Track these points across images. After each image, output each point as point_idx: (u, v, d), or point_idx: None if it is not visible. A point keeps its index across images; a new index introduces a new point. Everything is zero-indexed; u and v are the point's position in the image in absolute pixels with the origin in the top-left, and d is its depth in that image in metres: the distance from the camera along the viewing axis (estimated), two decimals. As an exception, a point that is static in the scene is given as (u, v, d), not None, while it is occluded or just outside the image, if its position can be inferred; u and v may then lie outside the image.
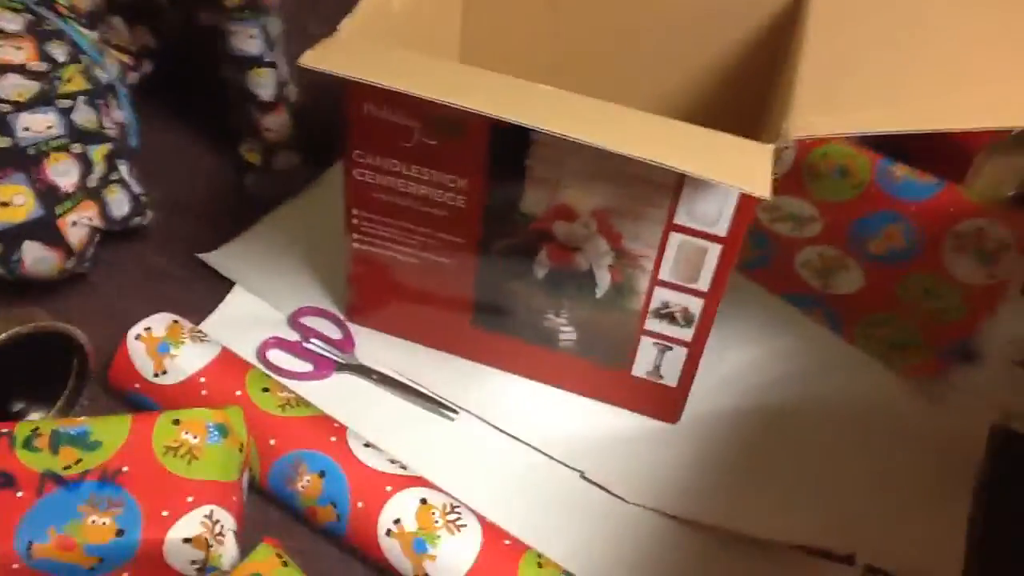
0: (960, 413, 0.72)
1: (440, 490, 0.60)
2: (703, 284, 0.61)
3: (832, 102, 0.56)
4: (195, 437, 0.55)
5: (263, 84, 0.80)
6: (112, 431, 0.55)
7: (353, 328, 0.74)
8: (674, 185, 0.57)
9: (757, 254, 0.79)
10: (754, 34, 0.74)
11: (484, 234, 0.64)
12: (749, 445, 0.69)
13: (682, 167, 0.50)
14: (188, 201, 0.83)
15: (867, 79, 0.58)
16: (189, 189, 0.84)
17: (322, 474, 0.59)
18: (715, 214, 0.58)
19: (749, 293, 0.79)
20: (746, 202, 0.57)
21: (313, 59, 0.56)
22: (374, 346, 0.73)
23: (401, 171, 0.63)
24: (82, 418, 0.56)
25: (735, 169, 0.50)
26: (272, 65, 0.80)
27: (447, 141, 0.60)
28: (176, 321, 0.66)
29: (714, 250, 0.59)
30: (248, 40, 0.77)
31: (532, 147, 0.59)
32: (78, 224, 0.69)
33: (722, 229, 0.58)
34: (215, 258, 0.77)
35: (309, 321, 0.74)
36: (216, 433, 0.56)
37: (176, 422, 0.56)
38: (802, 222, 0.75)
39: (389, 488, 0.58)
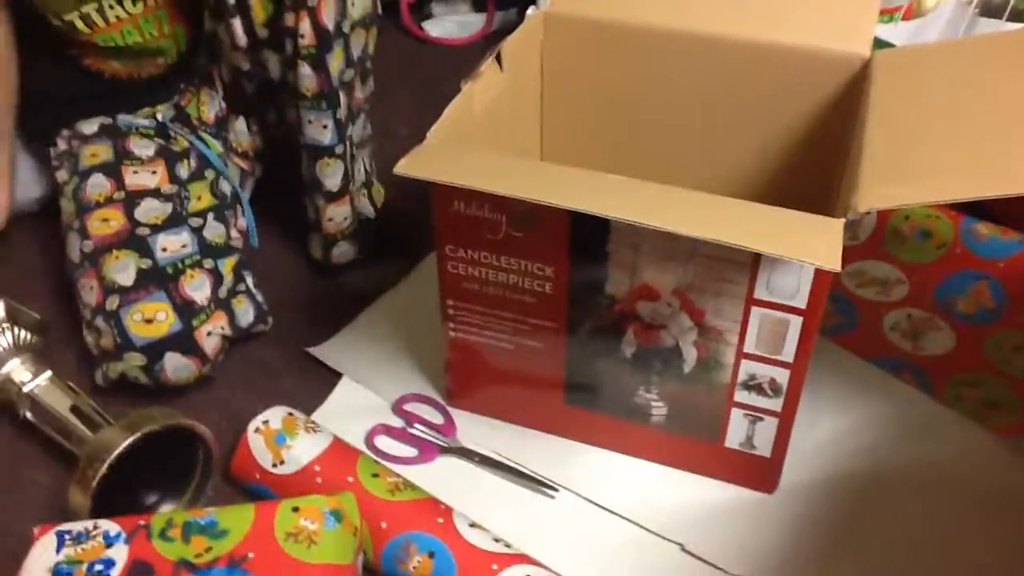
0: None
1: (544, 566, 0.62)
2: (788, 355, 0.63)
3: (899, 172, 0.58)
4: (313, 523, 0.59)
5: (330, 174, 0.85)
6: (238, 520, 0.60)
7: (453, 412, 0.78)
8: (750, 262, 0.60)
9: (841, 319, 0.80)
10: (820, 108, 0.77)
11: (571, 317, 0.68)
12: (848, 513, 0.70)
13: (752, 246, 0.53)
14: (292, 296, 0.89)
15: (932, 147, 0.60)
16: (292, 284, 0.91)
17: (431, 554, 0.62)
18: (793, 287, 0.60)
19: (838, 358, 0.80)
20: (822, 274, 0.59)
21: (407, 167, 0.61)
22: (474, 428, 0.76)
23: (491, 262, 0.67)
24: (210, 508, 0.61)
25: (805, 245, 0.53)
26: (341, 157, 0.84)
27: (532, 232, 0.64)
28: (291, 414, 0.71)
29: (795, 322, 0.61)
30: (321, 130, 0.82)
31: (611, 234, 0.62)
32: (212, 334, 0.75)
33: (801, 301, 0.60)
34: (323, 352, 0.82)
35: (412, 407, 0.78)
36: (332, 519, 0.60)
37: (295, 509, 0.60)
38: (888, 285, 0.76)
39: (495, 566, 0.61)
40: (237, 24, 0.78)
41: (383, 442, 0.75)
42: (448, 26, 1.33)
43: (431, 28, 1.33)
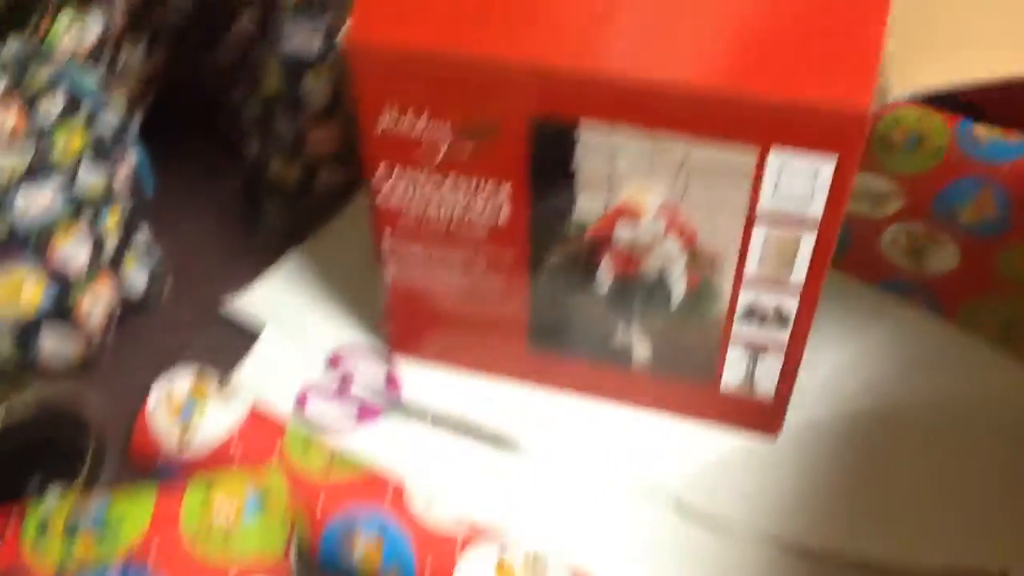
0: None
1: (518, 540, 0.52)
2: (798, 278, 0.53)
3: (929, 46, 0.48)
4: (230, 511, 0.48)
5: (318, 90, 0.71)
6: (134, 511, 0.48)
7: (398, 363, 0.66)
8: (754, 165, 0.49)
9: (834, 240, 0.70)
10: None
11: (534, 248, 0.56)
12: (862, 456, 0.61)
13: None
14: (204, 245, 0.76)
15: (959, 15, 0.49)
16: (204, 231, 0.77)
17: (380, 538, 0.51)
18: (806, 195, 0.49)
19: (836, 284, 0.70)
20: (844, 172, 0.48)
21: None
22: (423, 381, 0.65)
23: (432, 187, 0.55)
24: (99, 497, 0.49)
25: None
26: (332, 68, 0.70)
27: (481, 147, 0.53)
28: (199, 378, 0.59)
29: (808, 237, 0.51)
30: (308, 39, 0.68)
31: (578, 144, 0.51)
32: (96, 306, 0.62)
33: (816, 211, 0.50)
34: (240, 304, 0.70)
35: (349, 361, 0.66)
36: (254, 504, 0.49)
37: (207, 495, 0.48)
38: (880, 199, 0.67)
39: (459, 546, 0.50)
40: None
41: (315, 406, 0.64)
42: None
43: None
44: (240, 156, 0.77)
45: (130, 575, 0.46)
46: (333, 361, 0.66)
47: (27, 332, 0.60)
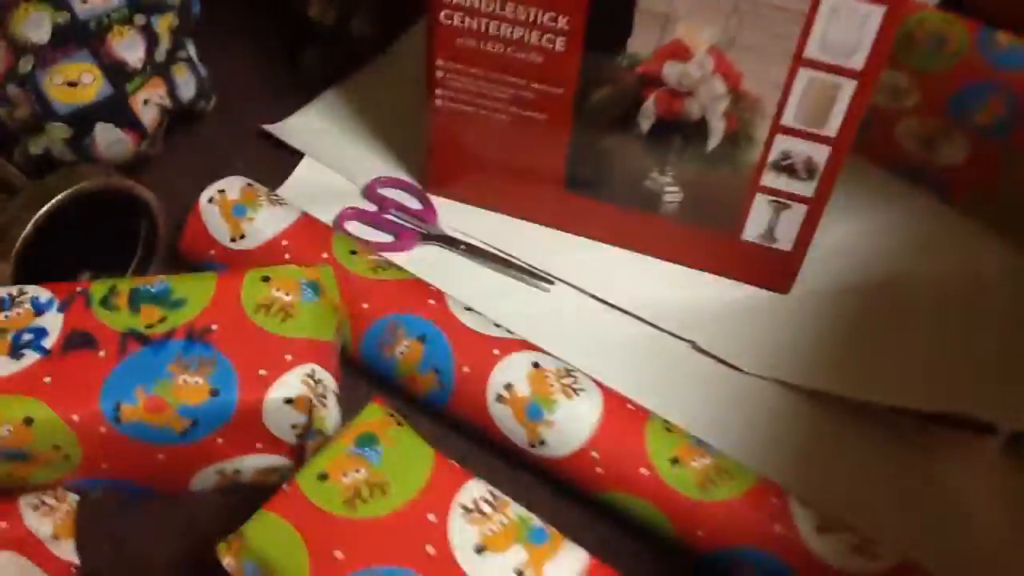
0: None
1: (551, 355, 0.55)
2: (831, 129, 0.56)
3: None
4: (287, 295, 0.51)
5: None
6: (196, 289, 0.51)
7: (434, 199, 0.69)
8: (807, 9, 0.52)
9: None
10: None
11: (583, 82, 0.59)
12: (866, 315, 0.65)
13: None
14: (248, 76, 0.78)
15: None
16: (249, 63, 0.79)
17: (422, 339, 0.54)
18: (852, 43, 0.52)
19: (851, 165, 0.73)
20: (889, 24, 0.51)
21: None
22: (457, 217, 0.68)
23: (494, 10, 0.57)
24: (161, 276, 0.52)
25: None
26: None
27: (547, -28, 0.55)
28: (250, 184, 0.61)
29: (847, 87, 0.54)
30: None
31: (644, -26, 0.53)
32: (149, 103, 0.64)
33: (858, 61, 0.53)
34: (282, 129, 0.72)
35: (386, 192, 0.69)
36: (309, 291, 0.51)
37: (265, 279, 0.51)
38: (898, 93, 0.70)
39: (497, 352, 0.53)
40: None
41: (354, 227, 0.66)
42: None
43: None
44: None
45: (195, 342, 0.48)
46: (370, 190, 0.69)
47: (84, 123, 0.61)
